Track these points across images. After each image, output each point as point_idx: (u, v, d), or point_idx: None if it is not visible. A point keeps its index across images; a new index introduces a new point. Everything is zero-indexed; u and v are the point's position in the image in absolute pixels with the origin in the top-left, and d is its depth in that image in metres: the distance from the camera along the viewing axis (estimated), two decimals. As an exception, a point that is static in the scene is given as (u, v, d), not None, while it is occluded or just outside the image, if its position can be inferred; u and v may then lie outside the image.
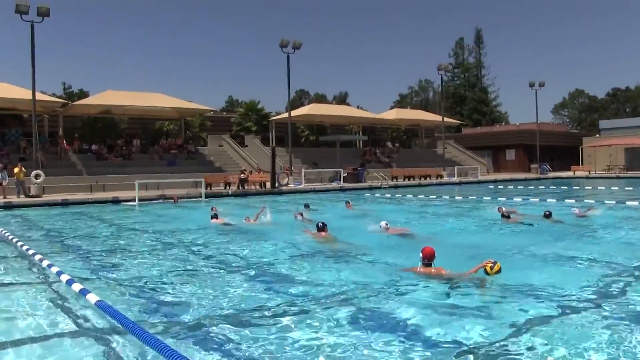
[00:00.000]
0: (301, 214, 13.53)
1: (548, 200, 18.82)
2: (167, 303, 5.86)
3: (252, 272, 7.46)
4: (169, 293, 6.32)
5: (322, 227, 10.17)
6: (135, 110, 33.55)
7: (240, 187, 26.42)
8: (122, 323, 4.33)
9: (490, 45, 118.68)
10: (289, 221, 13.34)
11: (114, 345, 4.55)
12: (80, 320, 5.24)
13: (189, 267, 7.95)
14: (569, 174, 42.47)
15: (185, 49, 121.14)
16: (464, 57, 79.20)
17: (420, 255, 6.71)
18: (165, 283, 6.86)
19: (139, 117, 37.75)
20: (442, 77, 42.53)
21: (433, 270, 6.61)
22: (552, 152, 50.85)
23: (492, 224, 12.42)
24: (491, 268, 6.08)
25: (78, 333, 4.89)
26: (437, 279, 6.44)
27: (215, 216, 13.47)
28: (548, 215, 12.49)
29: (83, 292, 5.42)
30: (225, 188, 27.02)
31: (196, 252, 9.31)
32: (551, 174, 41.84)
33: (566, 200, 18.41)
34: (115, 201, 21.19)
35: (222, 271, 7.64)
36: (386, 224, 10.84)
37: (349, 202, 17.20)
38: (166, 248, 9.88)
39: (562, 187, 28.08)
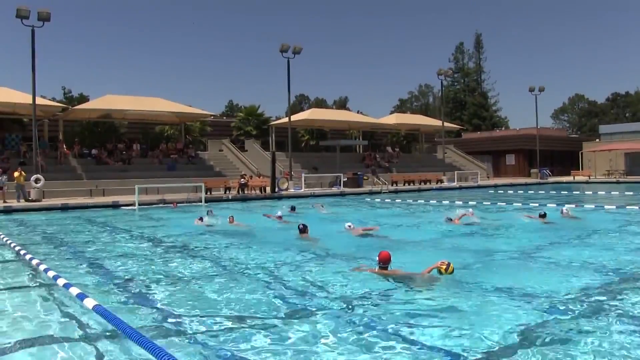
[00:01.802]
0: (279, 216, 14.59)
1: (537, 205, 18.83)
2: (166, 308, 5.82)
3: (250, 276, 7.47)
4: (167, 298, 6.29)
5: (303, 229, 10.67)
6: (135, 115, 33.57)
7: (240, 192, 26.40)
8: (120, 328, 4.29)
9: (490, 50, 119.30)
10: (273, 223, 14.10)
11: (112, 350, 4.51)
12: (78, 325, 5.19)
13: (187, 272, 7.92)
14: (569, 178, 42.38)
15: (186, 53, 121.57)
16: (464, 62, 79.32)
17: (377, 259, 7.00)
18: (164, 288, 6.83)
19: (138, 122, 37.74)
20: (442, 82, 42.67)
21: (389, 272, 6.89)
22: (552, 156, 50.84)
23: (480, 228, 12.44)
24: (445, 269, 6.50)
25: (75, 338, 4.85)
26: (393, 278, 6.73)
27: (201, 219, 14.13)
28: (543, 216, 13.05)
29: (80, 297, 5.38)
30: (225, 193, 27.01)
31: (195, 257, 9.29)
32: (551, 179, 41.75)
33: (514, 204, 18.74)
34: (115, 205, 21.17)
35: (219, 275, 7.66)
36: (349, 225, 11.53)
37: (322, 205, 17.87)
38: (165, 253, 9.85)
39: (562, 192, 28.04)
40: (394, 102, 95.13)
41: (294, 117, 36.93)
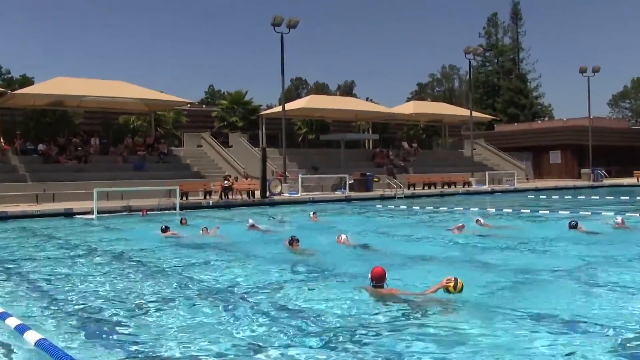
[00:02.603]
0: (253, 224, 15.38)
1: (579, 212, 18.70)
2: (125, 340, 5.75)
3: (227, 299, 7.55)
4: (130, 328, 6.24)
5: (291, 241, 11.49)
6: (94, 102, 33.57)
7: (223, 197, 26.36)
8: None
9: (530, 22, 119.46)
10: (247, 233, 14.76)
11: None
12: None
13: (156, 295, 7.88)
14: (632, 180, 42.28)
15: (157, 28, 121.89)
16: (497, 38, 79.58)
17: (369, 276, 7.22)
18: (126, 315, 6.78)
19: (98, 111, 37.75)
20: (470, 62, 42.61)
21: (385, 291, 7.10)
22: (609, 153, 50.78)
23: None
24: (454, 287, 6.63)
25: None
26: (391, 299, 6.92)
27: (166, 229, 14.50)
28: (574, 226, 13.66)
29: (20, 329, 5.29)
30: (205, 198, 27.00)
31: (166, 276, 9.28)
32: (607, 181, 41.72)
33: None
34: (68, 214, 21.13)
35: (192, 298, 7.66)
36: (345, 237, 12.05)
37: (314, 214, 18.49)
38: (129, 272, 9.80)
39: (622, 198, 27.87)
40: (411, 88, 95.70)
41: (288, 106, 36.93)
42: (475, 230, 14.16)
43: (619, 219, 14.66)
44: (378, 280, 7.09)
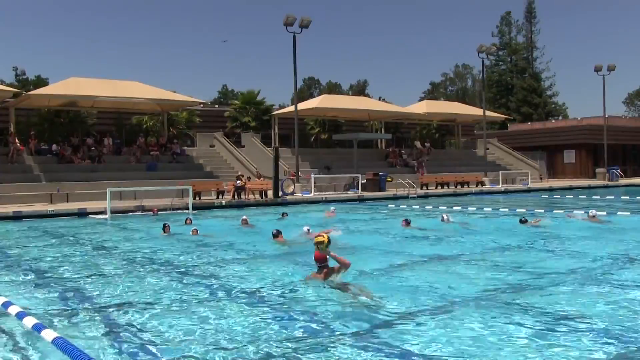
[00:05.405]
0: (245, 221, 16.55)
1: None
2: (144, 340, 5.77)
3: (243, 298, 7.59)
4: (146, 327, 6.25)
5: (276, 234, 12.81)
6: (107, 103, 33.75)
7: (235, 197, 26.40)
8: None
9: (545, 20, 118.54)
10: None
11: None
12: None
13: (171, 295, 7.89)
14: (647, 180, 41.87)
15: (168, 29, 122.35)
16: (511, 36, 79.12)
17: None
18: (142, 315, 6.79)
19: (111, 111, 37.97)
20: (483, 61, 42.32)
21: (321, 275, 7.78)
22: (625, 153, 50.31)
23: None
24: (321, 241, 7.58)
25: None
26: (333, 275, 7.70)
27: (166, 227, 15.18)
28: (524, 222, 14.81)
29: (37, 328, 5.30)
30: (217, 197, 27.07)
31: (180, 276, 9.29)
32: (623, 181, 41.36)
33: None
34: (82, 214, 21.26)
35: (209, 298, 7.69)
36: (307, 229, 13.26)
37: (333, 210, 19.74)
38: (144, 272, 9.84)
39: (638, 197, 27.62)
40: (424, 87, 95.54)
41: (301, 106, 36.94)
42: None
43: (593, 212, 15.67)
44: (321, 261, 7.75)
